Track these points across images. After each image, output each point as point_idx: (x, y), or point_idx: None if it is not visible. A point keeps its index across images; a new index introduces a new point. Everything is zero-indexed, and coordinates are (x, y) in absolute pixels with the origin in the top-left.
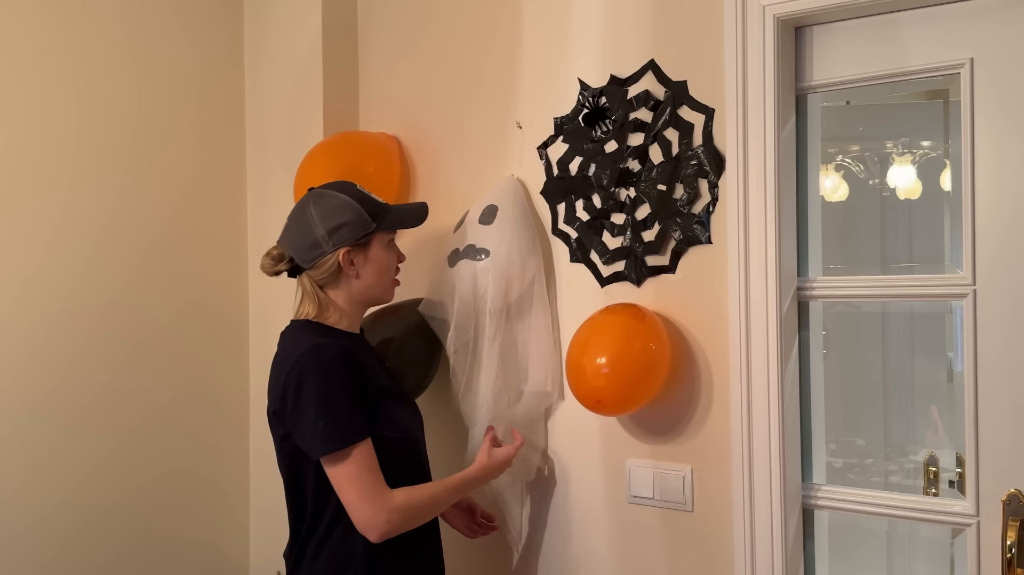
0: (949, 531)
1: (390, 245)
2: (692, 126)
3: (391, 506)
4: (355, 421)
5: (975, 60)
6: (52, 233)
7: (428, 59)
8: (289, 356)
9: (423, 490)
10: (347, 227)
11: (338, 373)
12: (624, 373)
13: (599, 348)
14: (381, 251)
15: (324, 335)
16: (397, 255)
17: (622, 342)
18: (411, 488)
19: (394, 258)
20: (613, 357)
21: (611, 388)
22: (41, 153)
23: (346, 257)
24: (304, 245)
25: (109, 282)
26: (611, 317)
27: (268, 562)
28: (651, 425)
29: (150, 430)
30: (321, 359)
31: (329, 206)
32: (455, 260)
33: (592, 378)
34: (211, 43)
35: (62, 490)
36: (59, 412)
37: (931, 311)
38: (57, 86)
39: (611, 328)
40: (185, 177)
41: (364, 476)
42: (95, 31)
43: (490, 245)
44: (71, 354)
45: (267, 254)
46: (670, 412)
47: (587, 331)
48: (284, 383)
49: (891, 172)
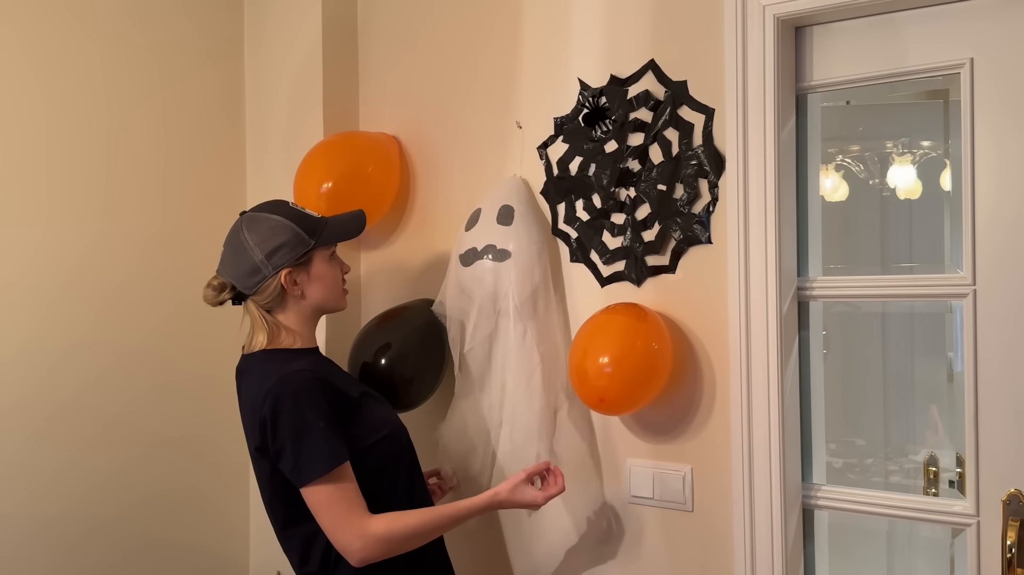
0: (949, 531)
1: (332, 258)
2: (692, 126)
3: (367, 534)
4: (332, 446)
5: (975, 60)
6: (49, 236)
7: (428, 59)
8: (259, 391)
9: (409, 518)
10: (285, 248)
11: (309, 398)
12: (627, 372)
13: (602, 347)
14: (323, 266)
15: (285, 361)
16: (341, 266)
17: (624, 341)
18: (396, 515)
19: (338, 270)
20: (616, 356)
21: (614, 387)
22: (40, 153)
23: (288, 278)
24: (244, 272)
25: (110, 285)
26: (613, 316)
27: (268, 564)
28: (651, 425)
29: (153, 443)
30: (291, 388)
31: (263, 229)
32: (471, 260)
33: (595, 377)
34: (211, 43)
35: (66, 498)
36: (68, 426)
37: (931, 311)
38: (56, 85)
39: (613, 327)
40: (185, 177)
41: (339, 503)
42: (94, 31)
43: (511, 246)
44: (72, 358)
45: (208, 285)
46: (670, 412)
47: (590, 330)
48: (261, 419)
49: (891, 172)
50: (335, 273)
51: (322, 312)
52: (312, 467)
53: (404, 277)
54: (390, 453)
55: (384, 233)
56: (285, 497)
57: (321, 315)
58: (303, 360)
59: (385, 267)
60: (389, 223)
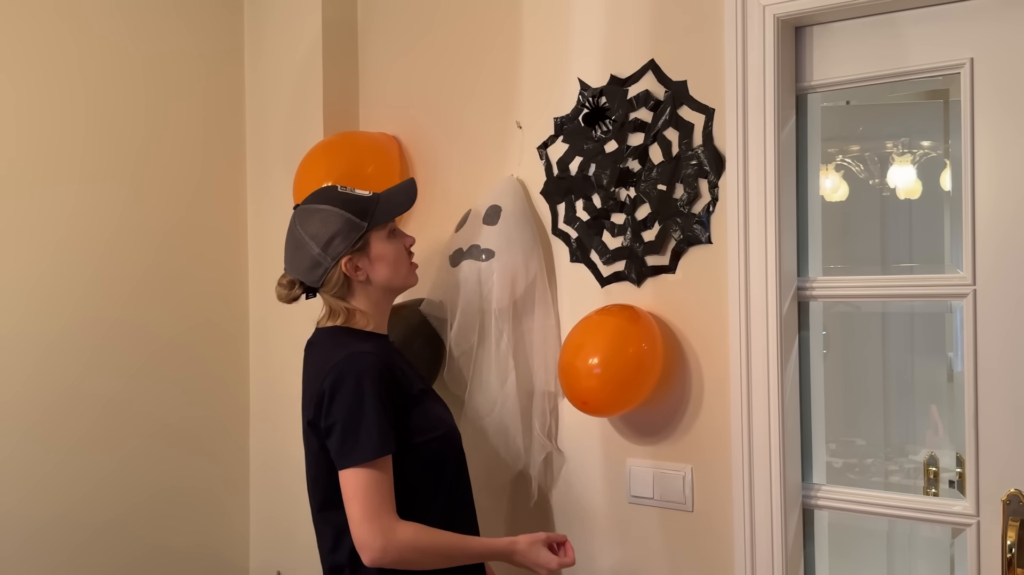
0: (949, 531)
1: (391, 235)
2: (692, 126)
3: (390, 534)
4: (382, 435)
5: (975, 60)
6: (46, 237)
7: (428, 59)
8: (324, 364)
9: (436, 536)
10: (339, 237)
11: (371, 381)
12: (612, 376)
13: (590, 350)
14: (382, 246)
15: (356, 341)
16: (404, 240)
17: (611, 344)
18: (425, 529)
19: (400, 245)
20: (602, 359)
21: (598, 390)
22: (39, 153)
23: (349, 265)
24: (306, 267)
25: (113, 290)
26: (604, 318)
27: (268, 565)
28: (651, 425)
29: (152, 440)
30: (356, 367)
31: (315, 221)
32: (458, 260)
33: (584, 378)
34: (211, 43)
35: (67, 500)
36: (63, 422)
37: (931, 311)
38: (56, 86)
39: (602, 330)
40: (185, 178)
41: (374, 494)
42: (95, 32)
43: (494, 245)
44: (76, 365)
45: (279, 283)
46: (670, 412)
47: (579, 332)
48: (319, 391)
49: (891, 172)
50: (397, 250)
51: (393, 292)
52: (357, 451)
53: None
54: (440, 454)
55: None
56: (328, 478)
57: (394, 295)
58: (372, 343)
59: None
60: None
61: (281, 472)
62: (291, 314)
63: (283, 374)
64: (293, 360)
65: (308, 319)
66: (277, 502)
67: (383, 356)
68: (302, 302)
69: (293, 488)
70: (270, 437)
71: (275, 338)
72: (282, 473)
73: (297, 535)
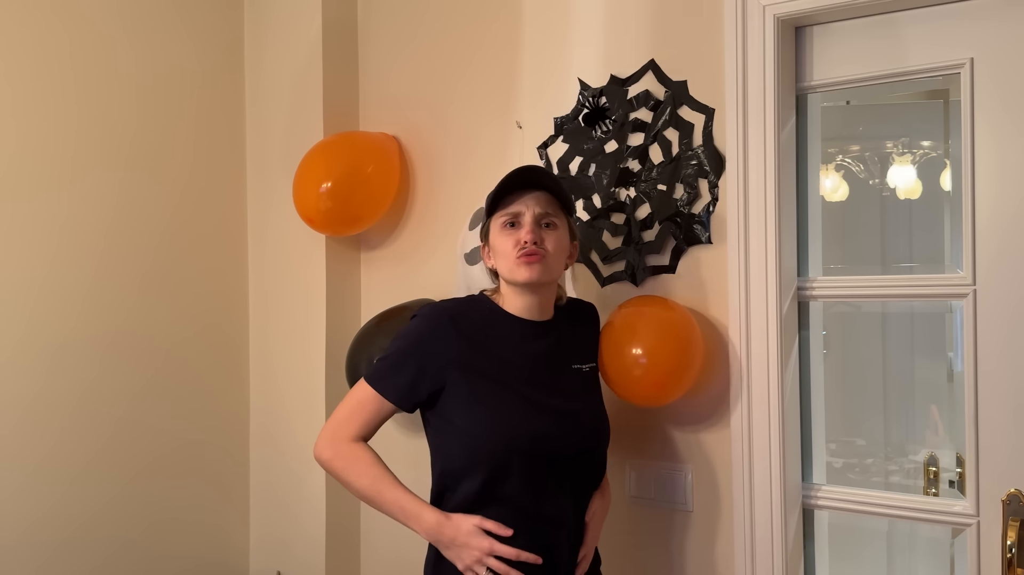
0: (949, 531)
1: (504, 228)
2: (692, 126)
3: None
4: (394, 378)
5: (975, 60)
6: (42, 240)
7: (428, 59)
8: None
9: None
10: (479, 228)
11: (422, 324)
12: (659, 366)
13: (639, 339)
14: (496, 237)
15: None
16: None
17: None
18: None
19: (509, 239)
20: (648, 348)
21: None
22: (39, 153)
23: (486, 255)
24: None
25: (115, 293)
26: (644, 309)
27: (268, 565)
28: (651, 425)
29: (151, 438)
30: (423, 309)
31: (477, 215)
32: (476, 258)
33: (633, 367)
34: (211, 43)
35: (59, 488)
36: (60, 419)
37: (931, 311)
38: (56, 86)
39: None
40: (185, 177)
41: (350, 410)
42: (95, 31)
43: None
44: (82, 377)
45: None
46: (670, 412)
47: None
48: None
49: (891, 172)
50: (506, 242)
51: (511, 283)
52: (371, 370)
53: (404, 277)
54: (463, 456)
55: (384, 233)
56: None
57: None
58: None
59: (385, 267)
60: (389, 223)
61: (281, 473)
62: (289, 315)
63: (283, 379)
64: (293, 366)
65: (306, 327)
66: (276, 499)
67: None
68: (290, 317)
69: (293, 488)
70: (270, 437)
71: (275, 345)
72: (283, 474)
73: (297, 536)
